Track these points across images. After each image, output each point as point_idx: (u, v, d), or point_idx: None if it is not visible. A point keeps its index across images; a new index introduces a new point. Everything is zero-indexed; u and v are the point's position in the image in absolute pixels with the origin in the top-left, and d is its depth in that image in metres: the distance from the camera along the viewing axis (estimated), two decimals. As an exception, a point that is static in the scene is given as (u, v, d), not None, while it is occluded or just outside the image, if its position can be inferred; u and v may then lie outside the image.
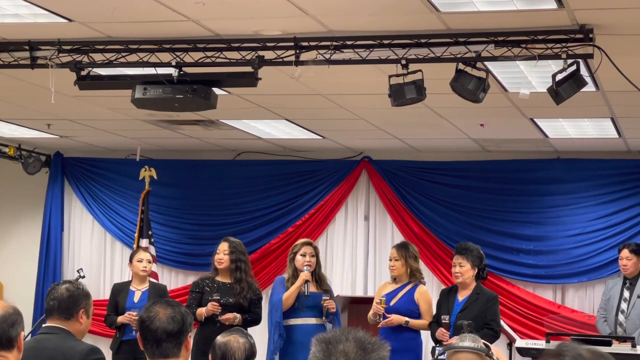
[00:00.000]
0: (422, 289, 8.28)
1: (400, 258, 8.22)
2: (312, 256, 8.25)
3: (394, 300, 8.16)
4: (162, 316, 3.83)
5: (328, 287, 8.35)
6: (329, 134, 10.19)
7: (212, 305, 8.12)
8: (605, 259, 10.37)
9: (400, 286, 8.25)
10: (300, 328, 8.18)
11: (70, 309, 4.52)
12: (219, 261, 8.36)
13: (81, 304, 4.55)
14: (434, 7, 5.48)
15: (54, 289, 4.59)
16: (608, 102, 7.83)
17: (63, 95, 7.98)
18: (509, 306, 10.42)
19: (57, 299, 4.52)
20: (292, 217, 11.37)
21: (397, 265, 8.22)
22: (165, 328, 3.81)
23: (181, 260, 11.68)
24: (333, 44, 6.17)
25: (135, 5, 5.73)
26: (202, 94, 6.47)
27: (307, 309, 8.17)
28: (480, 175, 10.88)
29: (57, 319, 4.53)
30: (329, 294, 8.26)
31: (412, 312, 8.14)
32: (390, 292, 8.24)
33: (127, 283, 9.04)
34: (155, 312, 3.85)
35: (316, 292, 8.21)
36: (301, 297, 8.13)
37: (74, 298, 4.54)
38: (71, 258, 12.04)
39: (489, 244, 10.36)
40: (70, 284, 4.65)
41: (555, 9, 5.38)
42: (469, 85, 6.05)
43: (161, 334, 3.81)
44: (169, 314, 3.84)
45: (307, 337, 7.87)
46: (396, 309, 8.11)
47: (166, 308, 3.87)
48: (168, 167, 11.56)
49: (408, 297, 8.18)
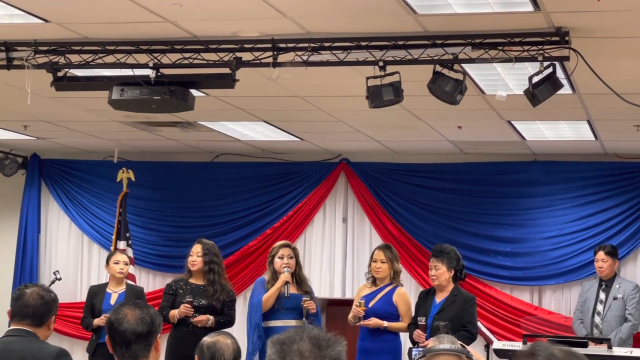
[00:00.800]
0: (401, 290, 8.29)
1: (387, 260, 8.25)
2: (291, 258, 8.25)
3: (373, 302, 8.18)
4: (130, 318, 3.82)
5: (309, 289, 8.34)
6: (307, 136, 10.19)
7: (185, 308, 8.11)
8: (582, 261, 10.42)
9: (379, 288, 8.26)
10: (279, 329, 8.14)
11: (43, 316, 4.49)
12: (192, 263, 8.36)
13: (53, 311, 4.53)
14: (412, 9, 5.49)
15: (24, 294, 4.51)
16: (584, 105, 7.87)
17: (39, 96, 7.94)
18: (486, 308, 10.45)
19: (31, 306, 4.46)
20: (270, 219, 11.37)
21: (384, 267, 8.23)
22: (134, 330, 3.80)
23: (159, 263, 11.65)
24: (311, 46, 6.17)
25: (112, 6, 5.71)
26: (180, 96, 6.46)
27: (287, 311, 8.17)
28: (458, 178, 10.91)
29: (27, 324, 4.48)
30: (309, 295, 8.26)
31: (391, 314, 8.16)
32: (369, 294, 8.26)
33: (104, 285, 9.01)
34: (123, 314, 3.83)
35: (296, 293, 8.21)
36: (281, 298, 8.13)
37: (48, 305, 4.51)
38: (48, 260, 11.98)
39: (467, 246, 10.40)
40: (39, 288, 4.57)
41: (532, 11, 5.41)
42: (446, 87, 6.07)
43: (130, 336, 3.80)
44: (138, 315, 3.83)
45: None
46: (374, 311, 8.12)
47: (134, 309, 3.85)
48: (146, 169, 11.53)
49: (387, 299, 8.19)
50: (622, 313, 9.39)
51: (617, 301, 9.47)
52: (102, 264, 11.13)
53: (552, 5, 5.31)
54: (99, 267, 11.68)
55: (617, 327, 9.34)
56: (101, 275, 11.37)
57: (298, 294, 8.21)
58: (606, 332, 9.29)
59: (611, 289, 9.52)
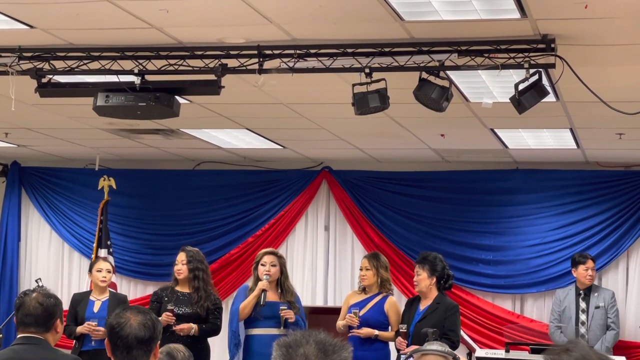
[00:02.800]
0: (392, 300, 8.29)
1: (372, 268, 8.23)
2: (273, 265, 8.21)
3: (364, 310, 8.17)
4: (133, 322, 3.78)
5: (292, 299, 8.26)
6: (290, 144, 10.19)
7: (166, 316, 8.08)
8: (564, 269, 10.45)
9: (370, 296, 8.25)
10: (258, 338, 8.15)
11: (47, 322, 4.47)
12: (177, 272, 8.33)
13: (56, 315, 4.50)
14: (398, 15, 5.50)
15: (25, 303, 4.49)
16: (567, 113, 7.90)
17: (22, 103, 7.90)
18: (468, 316, 10.46)
19: (32, 315, 4.44)
20: (252, 227, 11.35)
21: (369, 275, 8.22)
22: (137, 335, 3.76)
23: (140, 271, 11.60)
24: (297, 53, 6.17)
25: (98, 12, 5.68)
26: (165, 102, 6.43)
27: (265, 319, 8.13)
28: (440, 186, 10.94)
29: (33, 331, 4.46)
30: (291, 305, 8.18)
31: (382, 323, 8.15)
32: (359, 302, 8.24)
33: (87, 293, 8.96)
34: (126, 318, 3.80)
35: (276, 301, 8.16)
36: (258, 306, 8.10)
37: (49, 311, 4.48)
38: (28, 268, 11.91)
39: (449, 254, 10.39)
40: (38, 294, 4.55)
41: (518, 18, 5.42)
42: (432, 94, 6.08)
43: (132, 341, 3.76)
44: (141, 320, 3.79)
45: (265, 347, 7.96)
46: (366, 320, 8.11)
47: (137, 314, 3.82)
48: (127, 177, 11.48)
49: (378, 308, 8.18)
50: (604, 322, 9.42)
51: (599, 310, 9.51)
52: (83, 272, 11.09)
53: (538, 12, 5.33)
54: (79, 276, 11.62)
55: (601, 336, 9.36)
56: (82, 284, 11.31)
57: (277, 302, 8.16)
58: (592, 341, 9.31)
59: (591, 298, 9.55)
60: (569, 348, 2.31)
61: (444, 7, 5.36)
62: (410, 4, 5.36)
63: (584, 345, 2.33)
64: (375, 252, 8.76)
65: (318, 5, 5.39)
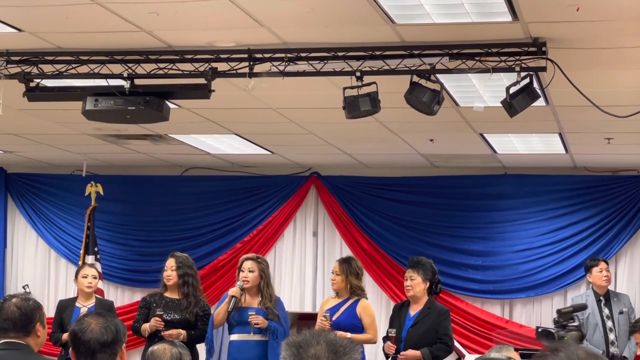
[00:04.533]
0: (364, 303, 8.24)
1: (341, 273, 8.17)
2: (251, 271, 8.12)
3: (336, 314, 8.12)
4: (94, 327, 3.75)
5: (271, 304, 8.13)
6: (278, 149, 10.16)
7: (155, 321, 8.03)
8: (552, 274, 10.47)
9: (342, 301, 8.20)
10: (233, 344, 8.13)
11: (26, 326, 4.41)
12: (167, 278, 8.28)
13: (35, 319, 4.44)
14: (390, 18, 5.48)
15: (4, 308, 4.44)
16: (557, 117, 7.91)
17: (9, 108, 7.82)
18: (457, 321, 10.44)
19: (10, 320, 4.39)
20: (240, 233, 11.31)
21: (337, 280, 8.17)
22: (99, 339, 3.73)
23: (127, 277, 11.54)
24: (287, 56, 6.15)
25: (87, 15, 5.64)
26: (155, 106, 6.39)
27: (239, 325, 8.07)
28: (428, 191, 10.93)
29: (13, 336, 4.41)
30: (269, 310, 8.06)
31: (355, 327, 8.10)
32: (333, 306, 8.19)
33: (73, 299, 8.90)
34: (87, 324, 3.77)
35: (248, 307, 8.08)
36: (232, 313, 8.07)
37: (27, 315, 4.42)
38: (14, 275, 11.83)
39: (437, 260, 10.29)
40: (18, 299, 4.50)
41: (510, 21, 5.42)
42: (423, 98, 6.06)
43: (94, 345, 3.73)
44: (102, 324, 3.76)
45: (238, 352, 7.93)
46: (338, 324, 8.05)
47: (98, 318, 3.80)
48: (114, 183, 11.43)
49: (350, 312, 8.14)
50: (627, 326, 9.19)
51: (623, 315, 9.34)
52: (70, 279, 11.02)
53: (530, 15, 5.32)
54: (66, 282, 11.55)
55: (626, 342, 9.19)
56: (69, 290, 11.24)
57: (249, 307, 8.08)
58: (622, 348, 9.15)
59: (612, 303, 9.39)
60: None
61: (436, 10, 5.35)
62: (401, 7, 5.34)
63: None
64: (349, 256, 8.65)
65: (309, 9, 5.37)
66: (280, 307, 8.29)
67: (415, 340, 7.73)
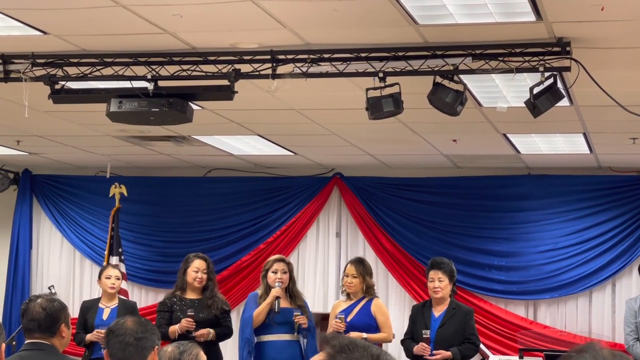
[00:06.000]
0: (378, 302, 8.25)
1: (359, 275, 8.18)
2: (284, 273, 8.19)
3: (351, 315, 8.11)
4: (129, 324, 4.02)
5: (302, 303, 8.27)
6: (301, 150, 10.17)
7: (187, 322, 8.02)
8: (577, 275, 10.42)
9: (355, 302, 8.19)
10: (271, 344, 8.14)
11: (51, 327, 4.46)
12: (198, 280, 8.25)
13: (60, 320, 4.49)
14: (413, 19, 5.47)
15: (29, 308, 4.51)
16: (581, 117, 7.87)
17: (34, 110, 7.88)
18: (481, 322, 10.40)
19: (36, 320, 4.45)
20: (263, 234, 11.33)
21: (355, 282, 8.17)
22: (133, 334, 4.00)
23: (151, 278, 11.58)
24: (310, 57, 6.15)
25: (112, 18, 5.67)
26: (178, 107, 6.41)
27: (278, 325, 8.12)
28: (452, 192, 10.91)
29: (38, 337, 4.47)
30: (302, 309, 8.20)
31: (370, 326, 8.09)
32: (346, 308, 8.18)
33: (97, 300, 8.93)
34: (123, 321, 4.07)
35: (288, 307, 8.15)
36: (272, 313, 8.08)
37: (52, 316, 4.47)
38: (40, 276, 11.91)
39: (461, 260, 10.37)
40: (43, 300, 4.55)
41: (534, 21, 5.39)
42: (446, 99, 6.05)
43: (129, 338, 3.98)
44: (136, 321, 4.06)
45: (279, 353, 7.95)
46: (353, 324, 8.05)
47: (133, 318, 4.10)
48: (138, 184, 11.48)
49: (364, 312, 8.13)
50: None
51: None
52: (95, 280, 11.06)
53: (554, 15, 5.30)
54: (91, 283, 11.61)
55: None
56: (94, 291, 11.29)
57: (290, 308, 8.15)
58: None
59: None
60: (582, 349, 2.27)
61: (459, 11, 5.33)
62: (424, 8, 5.33)
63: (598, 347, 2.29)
64: (360, 257, 8.68)
65: (332, 10, 5.37)
66: (307, 306, 8.37)
67: (444, 341, 7.72)
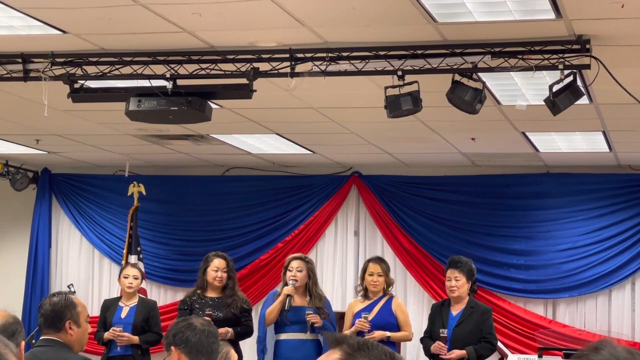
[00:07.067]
0: (398, 300, 8.26)
1: (384, 274, 8.19)
2: (299, 271, 8.18)
3: (371, 315, 8.11)
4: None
5: (321, 304, 8.22)
6: (319, 149, 10.17)
7: None
8: (596, 274, 10.37)
9: (375, 301, 8.18)
10: (286, 343, 8.15)
11: (56, 322, 4.53)
12: (218, 279, 8.28)
13: (65, 316, 4.53)
14: (432, 17, 5.46)
15: (42, 304, 4.63)
16: (601, 115, 7.83)
17: (53, 109, 7.92)
18: (500, 321, 10.37)
19: (43, 315, 4.56)
20: (281, 233, 11.33)
21: (381, 280, 8.18)
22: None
23: (170, 277, 11.60)
24: (329, 56, 6.14)
25: (131, 17, 5.68)
26: (197, 106, 6.42)
27: (292, 324, 8.12)
28: (470, 190, 10.87)
29: (48, 332, 4.54)
30: (320, 310, 8.14)
31: (392, 325, 8.09)
32: (365, 307, 8.16)
33: (117, 299, 8.98)
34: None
35: (302, 306, 8.13)
36: (284, 311, 8.09)
37: (56, 311, 4.55)
38: (59, 274, 11.95)
39: (479, 259, 10.32)
40: (55, 296, 4.66)
41: (553, 19, 5.37)
42: (465, 97, 6.04)
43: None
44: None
45: (292, 352, 7.96)
46: (375, 323, 8.04)
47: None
48: (157, 183, 11.50)
49: (386, 310, 8.13)
50: None
51: None
52: (114, 278, 11.13)
53: (574, 12, 5.28)
54: (110, 282, 11.65)
55: None
56: (112, 290, 11.34)
57: (303, 306, 8.13)
58: None
59: None
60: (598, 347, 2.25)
61: (478, 8, 5.32)
62: (443, 6, 5.32)
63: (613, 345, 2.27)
64: (379, 256, 8.74)
65: (350, 8, 5.36)
66: (328, 306, 8.36)
67: (461, 340, 7.70)
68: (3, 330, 3.58)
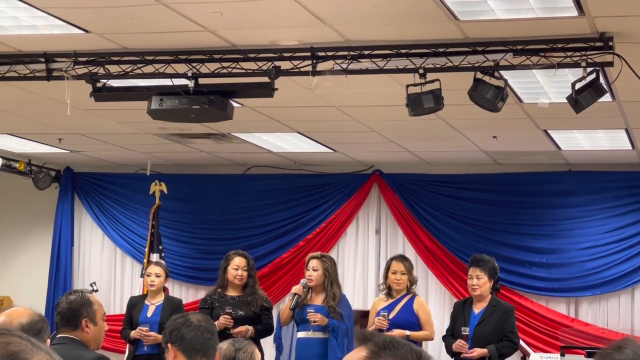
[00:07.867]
0: (420, 299, 8.25)
1: (407, 272, 8.19)
2: (315, 270, 8.18)
3: (393, 313, 8.09)
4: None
5: (334, 303, 8.16)
6: (341, 147, 10.16)
7: (224, 319, 8.06)
8: (619, 272, 10.31)
9: (397, 299, 8.18)
10: (300, 341, 8.22)
11: (72, 320, 4.55)
12: (238, 277, 8.29)
13: (82, 314, 4.55)
14: (453, 15, 5.46)
15: (59, 302, 4.67)
16: (623, 113, 7.79)
17: (75, 108, 7.93)
18: (522, 320, 10.34)
19: (60, 313, 4.58)
20: (303, 231, 11.34)
21: (404, 279, 8.18)
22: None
23: (191, 275, 11.64)
24: (350, 54, 6.15)
25: (152, 16, 5.71)
26: (219, 105, 6.44)
27: (302, 323, 8.16)
28: (492, 188, 10.84)
29: (64, 330, 4.57)
30: (332, 309, 8.10)
31: (413, 324, 8.08)
32: (387, 306, 8.16)
33: (143, 297, 9.01)
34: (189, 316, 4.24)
35: (308, 304, 8.14)
36: (294, 310, 8.12)
37: (73, 309, 4.56)
38: (81, 273, 12.01)
39: (501, 257, 10.26)
40: (71, 294, 4.68)
41: (576, 16, 5.35)
42: (487, 95, 6.02)
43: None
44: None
45: (303, 350, 8.00)
46: (395, 322, 8.03)
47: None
48: (178, 182, 11.53)
49: (407, 309, 8.12)
50: None
51: None
52: (136, 277, 11.16)
53: (596, 9, 5.25)
54: (132, 280, 11.69)
55: None
56: (134, 288, 11.37)
57: (308, 305, 8.13)
58: None
59: None
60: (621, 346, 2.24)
61: (500, 6, 5.31)
62: (465, 3, 5.31)
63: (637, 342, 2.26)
64: (402, 254, 8.74)
65: (372, 6, 5.36)
66: (345, 303, 8.32)
67: (482, 338, 7.68)
68: (29, 328, 3.60)
